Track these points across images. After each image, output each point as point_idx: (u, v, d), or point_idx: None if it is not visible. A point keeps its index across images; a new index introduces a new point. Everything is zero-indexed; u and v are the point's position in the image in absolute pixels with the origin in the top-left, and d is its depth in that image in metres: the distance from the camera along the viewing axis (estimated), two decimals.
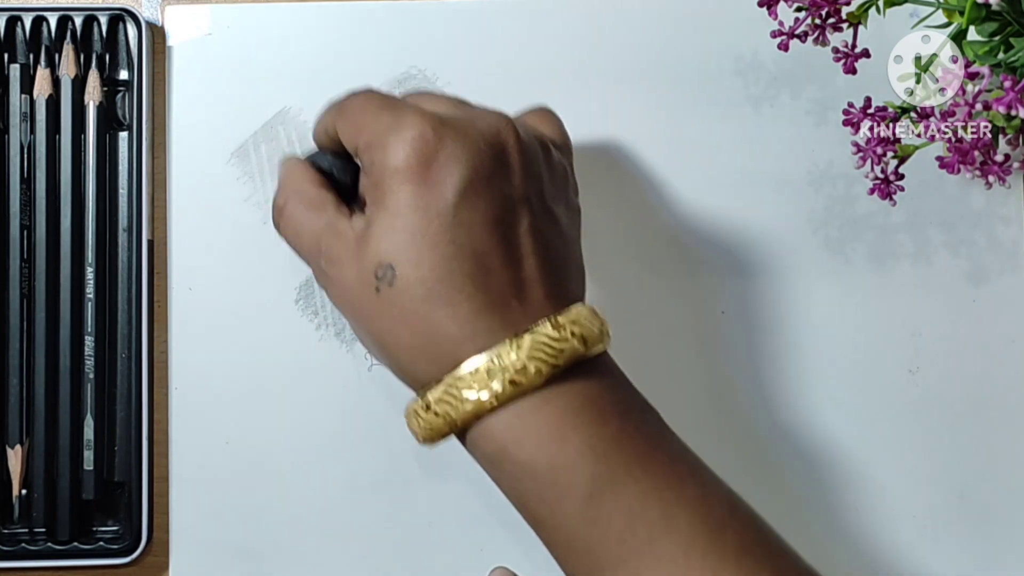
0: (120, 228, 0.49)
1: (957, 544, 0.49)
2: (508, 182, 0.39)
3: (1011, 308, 0.50)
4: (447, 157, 0.38)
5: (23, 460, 0.48)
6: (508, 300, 0.38)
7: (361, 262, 0.38)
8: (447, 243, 0.37)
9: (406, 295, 0.37)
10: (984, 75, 0.40)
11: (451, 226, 0.37)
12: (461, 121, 0.39)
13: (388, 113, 0.39)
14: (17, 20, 0.49)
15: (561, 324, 0.37)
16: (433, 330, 0.37)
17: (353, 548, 0.48)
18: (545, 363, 0.37)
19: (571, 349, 0.37)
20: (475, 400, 0.37)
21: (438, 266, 0.37)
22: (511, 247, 0.38)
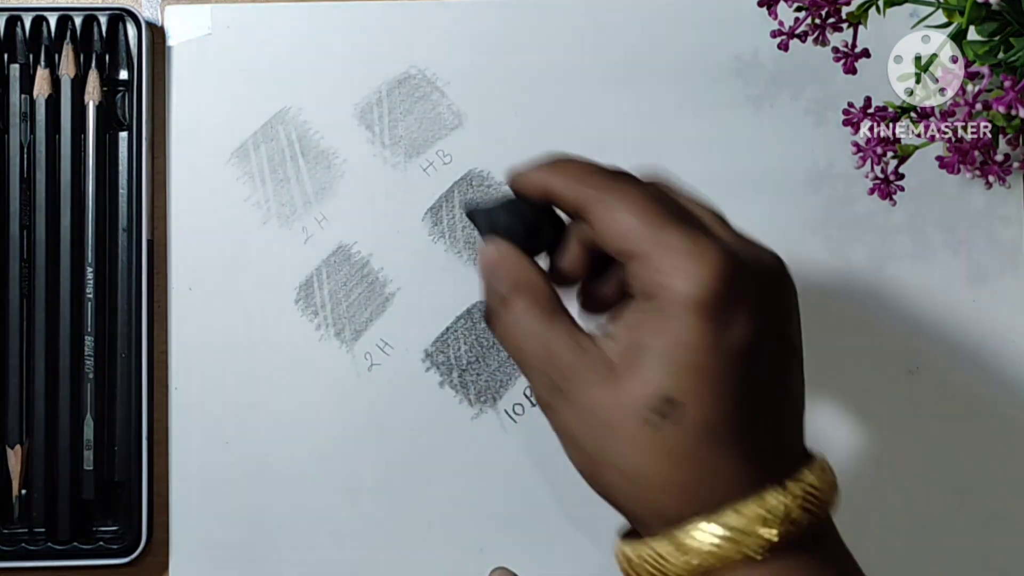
0: (120, 228, 0.49)
1: (957, 544, 0.49)
2: (787, 324, 0.37)
3: (1011, 308, 0.50)
4: (745, 298, 0.35)
5: (23, 460, 0.48)
6: (773, 446, 0.36)
7: (627, 388, 0.35)
8: (736, 385, 0.35)
9: (689, 433, 0.35)
10: (984, 75, 0.40)
11: (739, 368, 0.35)
12: (752, 259, 0.36)
13: (679, 234, 0.35)
14: (17, 20, 0.49)
15: (818, 473, 0.36)
16: (703, 470, 0.35)
17: (353, 548, 0.48)
18: (809, 512, 0.35)
19: (827, 500, 0.36)
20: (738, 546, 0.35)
21: (724, 407, 0.35)
22: (782, 390, 0.37)
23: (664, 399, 0.35)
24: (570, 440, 0.37)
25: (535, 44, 0.50)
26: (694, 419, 0.35)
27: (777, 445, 0.36)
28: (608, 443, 0.36)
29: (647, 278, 0.35)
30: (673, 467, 0.35)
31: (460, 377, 0.49)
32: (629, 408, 0.35)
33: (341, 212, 0.49)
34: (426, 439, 0.49)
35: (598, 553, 0.48)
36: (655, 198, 0.36)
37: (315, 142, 0.50)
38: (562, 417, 0.37)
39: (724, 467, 0.35)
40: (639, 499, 0.36)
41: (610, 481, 0.37)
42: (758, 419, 0.36)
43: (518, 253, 0.38)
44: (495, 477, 0.49)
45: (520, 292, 0.37)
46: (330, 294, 0.49)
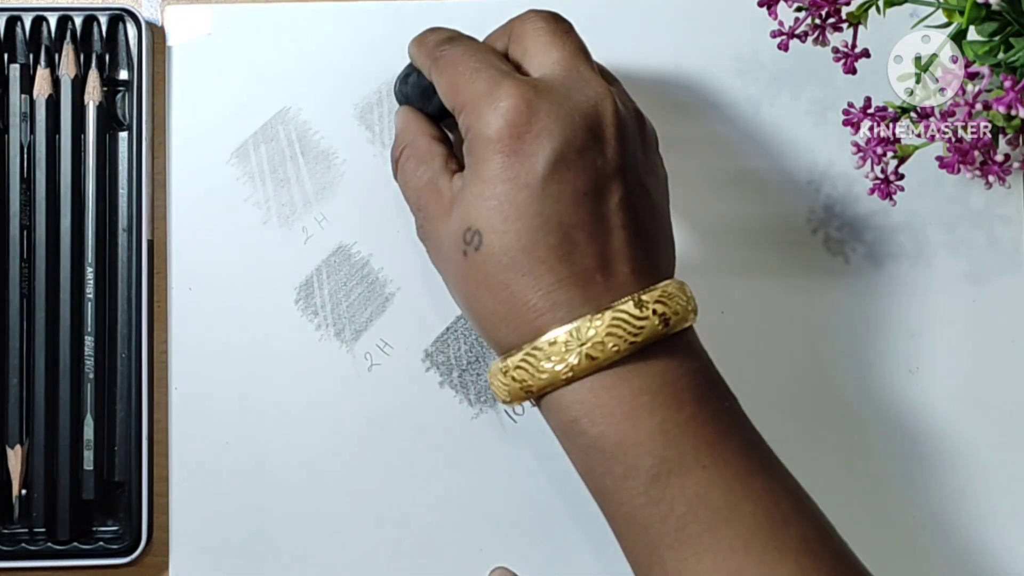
0: (120, 228, 0.49)
1: (957, 544, 0.49)
2: (601, 155, 0.39)
3: (1011, 308, 0.50)
4: (539, 129, 0.38)
5: (23, 460, 0.48)
6: (592, 275, 0.38)
7: (453, 223, 0.39)
8: (533, 214, 0.38)
9: (491, 262, 0.38)
10: (984, 75, 0.40)
11: (539, 197, 0.38)
12: (557, 91, 0.39)
13: (484, 77, 0.39)
14: (17, 20, 0.49)
15: (644, 302, 0.37)
16: (515, 298, 0.38)
17: (353, 548, 0.48)
18: (623, 340, 0.37)
19: (651, 328, 0.37)
20: (550, 371, 0.37)
21: (523, 236, 0.38)
22: (599, 221, 0.38)
23: (471, 230, 0.38)
24: (442, 277, 0.42)
25: None
26: (494, 247, 0.38)
27: (603, 275, 0.38)
28: (448, 274, 0.41)
29: (463, 123, 0.40)
30: (487, 295, 0.39)
31: (460, 377, 0.49)
32: (452, 240, 0.39)
33: (341, 212, 0.49)
34: (426, 439, 0.49)
35: (598, 553, 0.48)
36: (474, 52, 0.41)
37: (315, 142, 0.50)
38: (428, 251, 0.42)
39: (533, 295, 0.38)
40: (478, 326, 0.40)
41: (461, 309, 0.41)
42: (571, 249, 0.38)
43: (409, 116, 0.44)
44: (495, 477, 0.49)
45: (406, 149, 0.43)
46: (330, 294, 0.49)
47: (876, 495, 0.49)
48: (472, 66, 0.40)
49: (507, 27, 0.42)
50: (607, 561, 0.48)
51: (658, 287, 0.38)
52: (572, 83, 0.39)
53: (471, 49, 0.41)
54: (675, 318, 0.38)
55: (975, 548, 0.49)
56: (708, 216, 0.50)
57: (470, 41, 0.42)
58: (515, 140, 0.38)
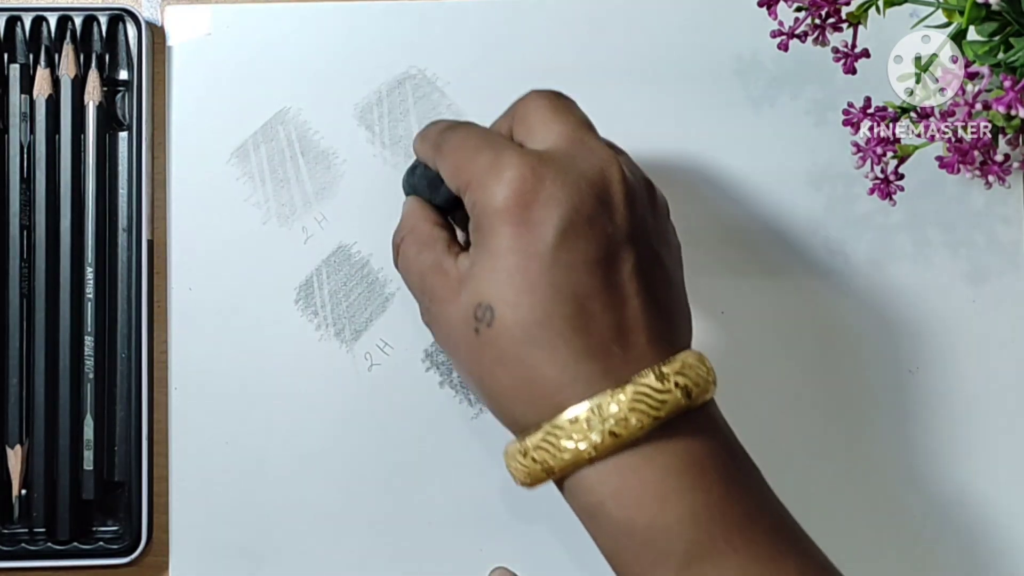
0: (120, 228, 0.49)
1: (957, 544, 0.49)
2: (611, 222, 0.38)
3: (1010, 308, 0.50)
4: (547, 198, 0.37)
5: (23, 460, 0.48)
6: (609, 346, 0.37)
7: (462, 302, 0.38)
8: (546, 285, 0.36)
9: (504, 336, 0.37)
10: (984, 75, 0.40)
11: (550, 268, 0.37)
12: (562, 160, 0.38)
13: (487, 152, 0.38)
14: (17, 20, 0.49)
15: (665, 375, 0.36)
16: (531, 373, 0.37)
17: (353, 548, 0.48)
18: (647, 415, 0.36)
19: (674, 401, 0.36)
20: (573, 450, 0.36)
21: (536, 308, 0.36)
22: (613, 290, 0.37)
23: (482, 306, 0.37)
24: (451, 359, 0.40)
25: (535, 44, 0.50)
26: (507, 321, 0.37)
27: (620, 347, 0.37)
28: (458, 355, 0.39)
29: (469, 200, 0.39)
30: (501, 372, 0.37)
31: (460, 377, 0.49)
32: (463, 319, 0.38)
33: (341, 212, 0.49)
34: (426, 439, 0.49)
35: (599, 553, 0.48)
36: (475, 134, 0.40)
37: (315, 142, 0.50)
38: (436, 336, 0.41)
39: (550, 369, 0.36)
40: (494, 408, 0.39)
41: (473, 390, 0.40)
42: (587, 320, 0.37)
43: (413, 204, 0.43)
44: (495, 477, 0.49)
45: (408, 235, 0.42)
46: (330, 294, 0.49)
47: (876, 495, 0.49)
48: (475, 145, 0.39)
49: (510, 110, 0.42)
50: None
51: (677, 358, 0.37)
52: (577, 151, 0.39)
53: (473, 131, 0.41)
54: (696, 390, 0.37)
55: (976, 547, 0.49)
56: (708, 216, 0.50)
57: (472, 125, 0.42)
58: (523, 209, 0.37)
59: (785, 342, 0.49)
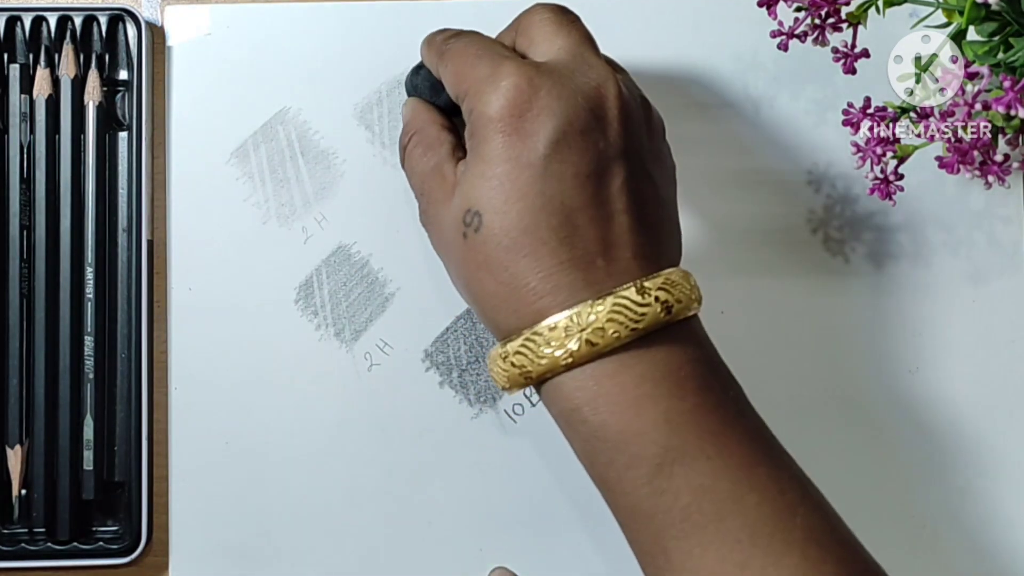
0: (120, 228, 0.49)
1: (957, 544, 0.49)
2: (604, 137, 0.38)
3: (1010, 308, 0.50)
4: (540, 108, 0.38)
5: (23, 460, 0.48)
6: (594, 258, 0.37)
7: (454, 206, 0.39)
8: (535, 194, 0.37)
9: (491, 243, 0.38)
10: (984, 75, 0.40)
11: (540, 178, 0.37)
12: (560, 73, 0.39)
13: (486, 62, 0.39)
14: (17, 20, 0.49)
15: (646, 288, 0.37)
16: (515, 281, 0.37)
17: (353, 548, 0.49)
18: (624, 327, 0.36)
19: (653, 315, 0.37)
20: (550, 356, 0.37)
21: (524, 216, 0.37)
22: (601, 204, 0.38)
23: (471, 211, 0.38)
24: (443, 262, 0.41)
25: None
26: (493, 228, 0.37)
27: (604, 259, 0.37)
28: (448, 257, 0.40)
29: (466, 108, 0.39)
30: (486, 277, 0.38)
31: (460, 377, 0.49)
32: (453, 223, 0.39)
33: (341, 212, 0.49)
34: (426, 439, 0.49)
35: (599, 553, 0.48)
36: (476, 43, 0.41)
37: (315, 142, 0.50)
38: (430, 236, 0.42)
39: (533, 278, 0.37)
40: (478, 310, 0.40)
41: (461, 293, 0.41)
42: (573, 231, 0.37)
43: (418, 106, 0.44)
44: (495, 477, 0.49)
45: (413, 137, 0.43)
46: (330, 294, 0.49)
47: (877, 494, 0.49)
48: (475, 53, 0.40)
49: (515, 22, 0.42)
50: (608, 560, 0.48)
51: (661, 274, 0.38)
52: (576, 66, 0.39)
53: (476, 40, 0.41)
54: (678, 306, 0.37)
55: (977, 547, 0.49)
56: (708, 216, 0.50)
57: (476, 34, 0.42)
58: (516, 119, 0.38)
59: (785, 342, 0.49)
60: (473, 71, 0.39)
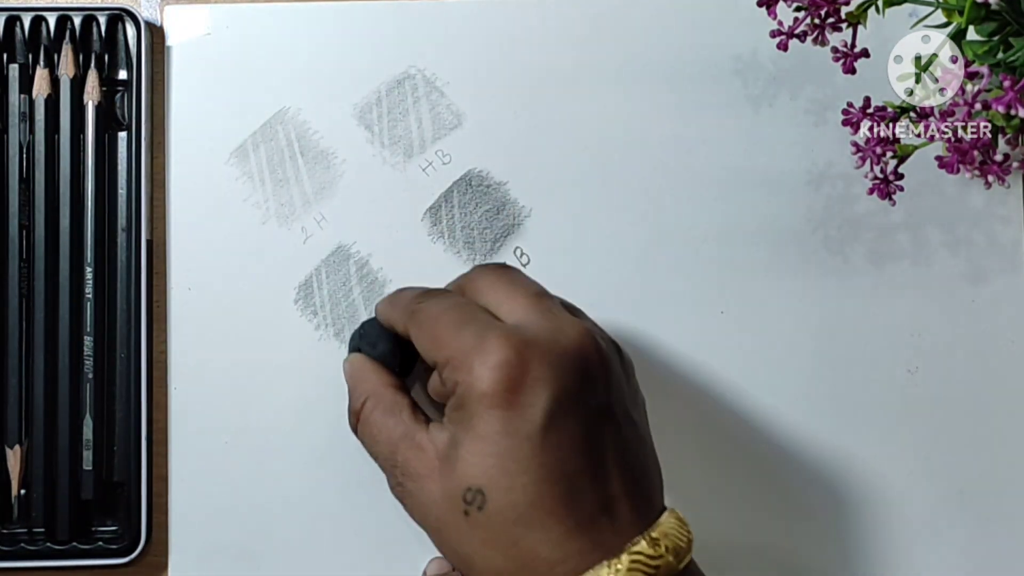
0: (119, 228, 0.49)
1: (957, 544, 0.49)
2: (593, 396, 0.38)
3: (1010, 308, 0.50)
4: (534, 380, 0.37)
5: (22, 460, 0.48)
6: (598, 518, 0.37)
7: (448, 484, 0.38)
8: (537, 466, 0.37)
9: (497, 520, 0.37)
10: (983, 75, 0.40)
11: (540, 449, 0.37)
12: (543, 339, 0.38)
13: (470, 332, 0.38)
14: (16, 20, 0.49)
15: (656, 540, 0.37)
16: (525, 554, 0.37)
17: (352, 548, 0.48)
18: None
19: (666, 565, 0.36)
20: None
21: (529, 490, 0.36)
22: (598, 463, 0.37)
23: (472, 489, 0.37)
24: (424, 528, 0.40)
25: (535, 44, 0.50)
26: (499, 505, 0.37)
27: (609, 517, 0.37)
28: (443, 533, 0.39)
29: (450, 378, 0.38)
30: (494, 553, 0.37)
31: None
32: (450, 500, 0.38)
33: (340, 212, 0.49)
34: None
35: None
36: (453, 307, 0.40)
37: (314, 142, 0.50)
38: (409, 509, 0.40)
39: (544, 548, 0.36)
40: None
41: (458, 566, 0.39)
42: (576, 495, 0.37)
43: (366, 364, 0.43)
44: None
45: (368, 401, 0.42)
46: (329, 294, 0.49)
47: (876, 495, 0.49)
48: (455, 319, 0.39)
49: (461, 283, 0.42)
50: None
51: (661, 523, 0.38)
52: (552, 326, 0.39)
53: (450, 302, 0.40)
54: (682, 551, 0.37)
55: (975, 548, 0.49)
56: (708, 216, 0.50)
57: (446, 294, 0.42)
58: (511, 393, 0.37)
59: (785, 342, 0.49)
60: (455, 340, 0.38)
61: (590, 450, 0.37)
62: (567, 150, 0.50)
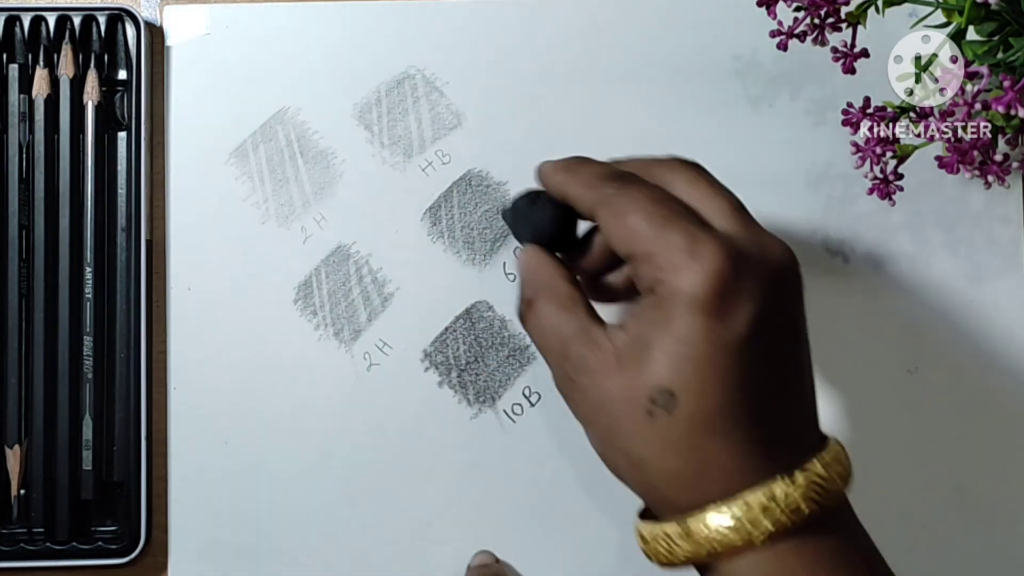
0: (119, 228, 0.49)
1: (957, 544, 0.49)
2: (790, 316, 0.38)
3: (1010, 308, 0.50)
4: (745, 291, 0.36)
5: (22, 460, 0.48)
6: (779, 435, 0.37)
7: (632, 381, 0.37)
8: (733, 376, 0.36)
9: (684, 423, 0.36)
10: (983, 75, 0.40)
11: (738, 360, 0.36)
12: (755, 253, 0.37)
13: (678, 232, 0.37)
14: (16, 20, 0.49)
15: (828, 463, 0.37)
16: (706, 461, 0.36)
17: (352, 548, 0.48)
18: (815, 504, 0.36)
19: (836, 490, 0.37)
20: (743, 534, 0.36)
21: (721, 399, 0.36)
22: (787, 382, 0.38)
23: (661, 390, 0.36)
24: (585, 426, 0.39)
25: (535, 44, 0.50)
26: (690, 410, 0.36)
27: (786, 434, 0.37)
28: (615, 432, 0.38)
29: (650, 276, 0.37)
30: (673, 456, 0.37)
31: (459, 377, 0.49)
32: (631, 399, 0.37)
33: (340, 212, 0.49)
34: (425, 439, 0.49)
35: (597, 551, 0.48)
36: (657, 200, 0.38)
37: (314, 142, 0.50)
38: (576, 405, 0.39)
39: (726, 457, 0.36)
40: (647, 486, 0.38)
41: (622, 467, 0.38)
42: (763, 410, 0.37)
43: (544, 257, 0.41)
44: (494, 477, 0.49)
45: (542, 293, 0.40)
46: (329, 294, 0.49)
47: (875, 495, 0.49)
48: (662, 213, 0.37)
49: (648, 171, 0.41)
50: (606, 560, 0.48)
51: (830, 447, 0.38)
52: (759, 241, 0.38)
53: (654, 194, 0.39)
54: (847, 478, 0.38)
55: (974, 548, 0.49)
56: None
57: (644, 183, 0.40)
58: (719, 301, 0.36)
59: None
60: (662, 237, 0.37)
61: (782, 367, 0.37)
62: (567, 150, 0.50)
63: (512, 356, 0.49)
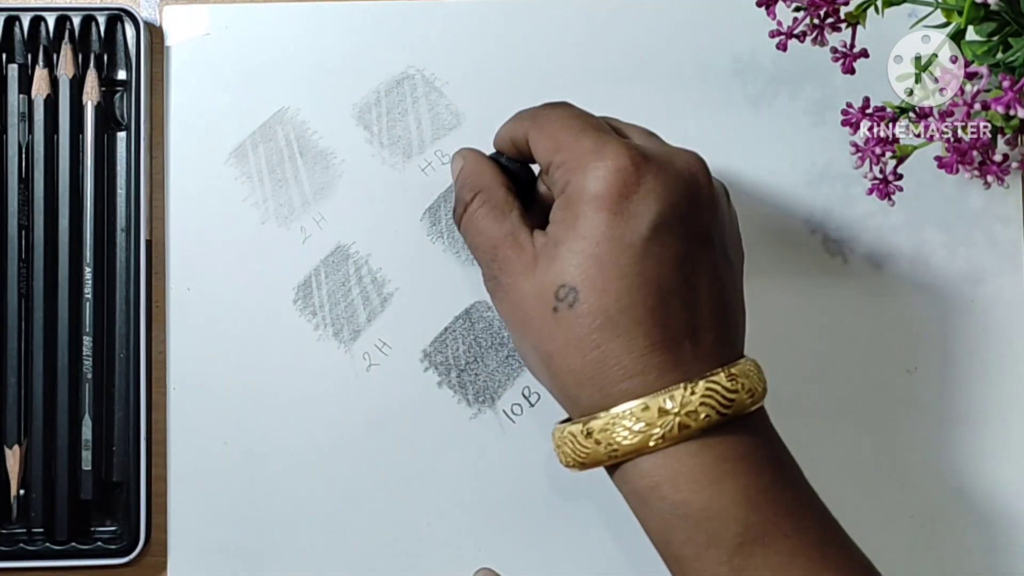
0: (118, 228, 0.49)
1: (957, 544, 0.49)
2: (697, 222, 0.39)
3: (1009, 309, 0.50)
4: (646, 192, 0.38)
5: (21, 460, 0.48)
6: (682, 341, 0.38)
7: (541, 279, 0.38)
8: (635, 275, 0.37)
9: (585, 320, 0.37)
10: (983, 75, 0.40)
11: (641, 259, 0.37)
12: (660, 157, 0.39)
13: (590, 137, 0.39)
14: (15, 20, 0.49)
15: (734, 375, 0.37)
16: (605, 359, 0.37)
17: (352, 548, 0.48)
18: (715, 411, 0.37)
19: (740, 402, 0.37)
20: (643, 435, 0.37)
21: (622, 296, 0.37)
22: (692, 288, 0.38)
23: (566, 287, 0.38)
24: (508, 326, 0.41)
25: (534, 44, 0.50)
26: (591, 306, 0.37)
27: (691, 341, 0.38)
28: (527, 329, 0.39)
29: (561, 179, 0.39)
30: (576, 352, 0.38)
31: (458, 377, 0.49)
32: (540, 295, 0.38)
33: (339, 212, 0.49)
34: (424, 439, 0.49)
35: (597, 552, 0.48)
36: (577, 115, 0.41)
37: (313, 142, 0.50)
38: (499, 303, 0.41)
39: (625, 356, 0.37)
40: (556, 385, 0.39)
41: (534, 364, 0.40)
42: (665, 312, 0.38)
43: (483, 161, 0.43)
44: (493, 477, 0.49)
45: (479, 196, 0.42)
46: (328, 294, 0.49)
47: (875, 495, 0.49)
48: (578, 126, 0.40)
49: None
50: (607, 560, 0.48)
51: (741, 362, 0.38)
52: (669, 151, 0.40)
53: (575, 111, 0.41)
54: (757, 394, 0.38)
55: (975, 547, 0.49)
56: None
57: (571, 106, 0.42)
58: (622, 200, 0.38)
59: (784, 342, 0.49)
60: (576, 143, 0.39)
61: (687, 271, 0.38)
62: None
63: (512, 356, 0.49)
